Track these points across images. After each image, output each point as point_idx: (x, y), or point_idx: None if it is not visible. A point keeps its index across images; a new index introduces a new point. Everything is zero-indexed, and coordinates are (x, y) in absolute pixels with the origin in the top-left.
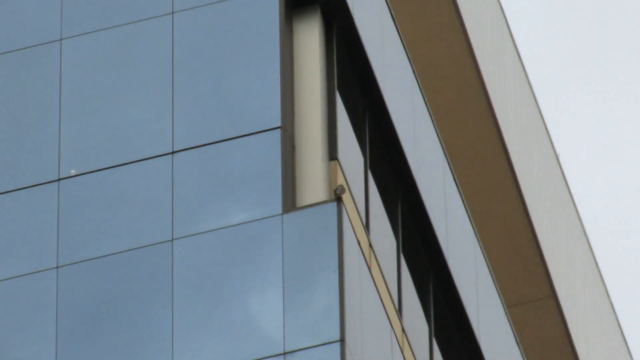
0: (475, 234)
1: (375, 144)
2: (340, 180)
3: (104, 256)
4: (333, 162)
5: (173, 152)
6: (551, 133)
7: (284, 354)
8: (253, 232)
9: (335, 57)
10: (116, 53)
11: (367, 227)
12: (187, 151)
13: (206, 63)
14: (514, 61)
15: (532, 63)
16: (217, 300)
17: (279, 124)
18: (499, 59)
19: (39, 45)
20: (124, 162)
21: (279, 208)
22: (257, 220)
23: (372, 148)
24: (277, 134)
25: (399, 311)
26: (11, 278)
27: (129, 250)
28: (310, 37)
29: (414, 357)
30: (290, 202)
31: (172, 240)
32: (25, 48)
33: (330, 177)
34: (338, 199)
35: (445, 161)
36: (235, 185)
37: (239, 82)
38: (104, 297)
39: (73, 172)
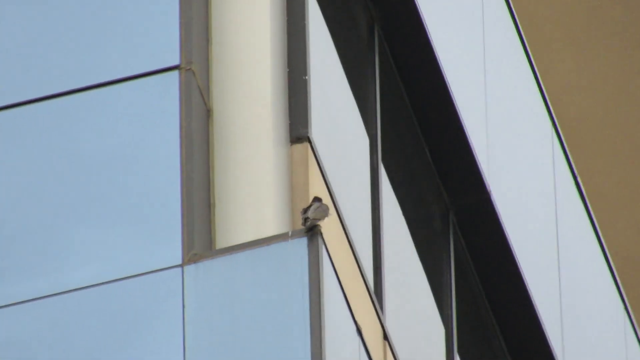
0: (624, 306)
1: (395, 107)
2: (317, 189)
3: None
4: (300, 147)
5: None
6: None
7: None
8: (122, 302)
9: None
10: None
11: (379, 296)
12: None
13: None
14: None
15: None
16: None
17: (176, 61)
18: None
19: None
20: None
21: (177, 252)
22: (127, 278)
23: (390, 116)
24: (173, 80)
25: None
26: None
27: None
28: None
29: None
30: (202, 238)
31: None
32: None
33: (294, 180)
34: (310, 230)
35: (559, 145)
36: (79, 202)
37: None
38: None
39: None
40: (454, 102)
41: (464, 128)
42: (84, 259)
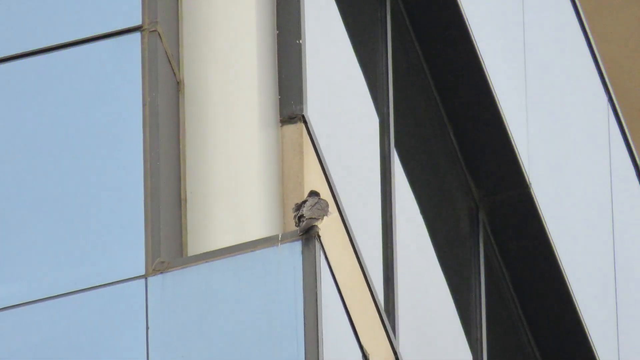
0: None
1: (412, 79)
2: (314, 181)
3: None
4: (292, 129)
5: None
6: None
7: None
8: (73, 321)
9: None
10: None
11: (390, 314)
12: None
13: None
14: None
15: None
16: None
17: (138, 20)
18: None
19: None
20: None
21: (139, 260)
22: (78, 292)
23: (405, 90)
24: (134, 43)
25: None
26: None
27: None
28: None
29: None
30: (170, 242)
31: None
32: None
33: (286, 170)
34: (305, 233)
35: (616, 125)
36: (21, 197)
37: None
38: None
39: None
40: (486, 72)
41: (498, 105)
42: (27, 269)
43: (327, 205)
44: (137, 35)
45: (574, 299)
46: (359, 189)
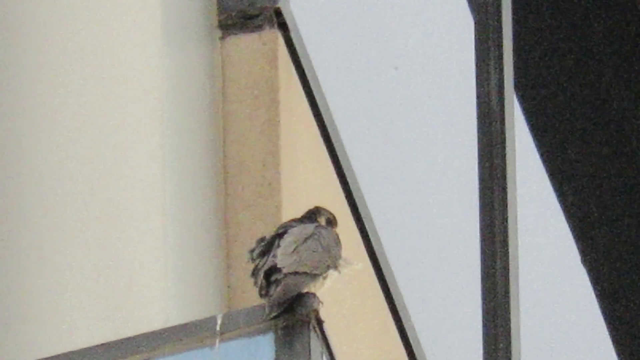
0: None
1: None
2: (305, 177)
3: None
4: (251, 43)
5: None
6: None
7: None
8: None
9: None
10: None
11: None
12: None
13: None
14: None
15: None
16: None
17: None
18: None
19: None
20: None
21: None
22: None
23: None
24: None
25: None
26: None
27: None
28: None
29: None
30: None
31: None
32: None
33: (230, 146)
34: (284, 314)
35: None
36: None
37: None
38: None
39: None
40: None
41: None
42: None
43: (338, 243)
44: None
45: None
46: (422, 184)
